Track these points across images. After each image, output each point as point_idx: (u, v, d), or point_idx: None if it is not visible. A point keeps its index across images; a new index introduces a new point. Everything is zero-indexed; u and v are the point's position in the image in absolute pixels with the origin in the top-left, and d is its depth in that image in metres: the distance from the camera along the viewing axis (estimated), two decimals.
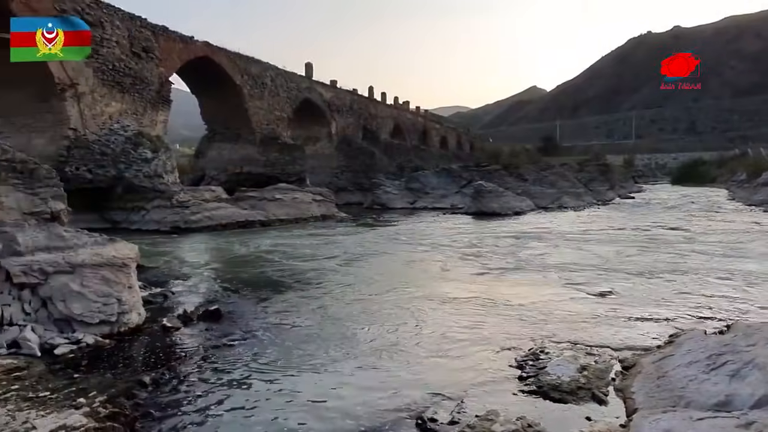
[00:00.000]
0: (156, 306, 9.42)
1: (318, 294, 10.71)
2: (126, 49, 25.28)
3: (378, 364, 6.60)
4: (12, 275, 7.15)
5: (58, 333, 7.22)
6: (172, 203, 23.27)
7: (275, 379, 6.16)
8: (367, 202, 39.69)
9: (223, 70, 32.76)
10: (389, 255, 16.15)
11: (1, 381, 5.79)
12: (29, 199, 9.60)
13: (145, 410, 5.38)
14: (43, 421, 4.81)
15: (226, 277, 12.72)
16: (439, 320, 8.53)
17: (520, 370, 6.27)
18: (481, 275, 12.63)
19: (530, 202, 33.52)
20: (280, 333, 7.96)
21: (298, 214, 27.70)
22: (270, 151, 35.72)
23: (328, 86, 47.15)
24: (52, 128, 22.70)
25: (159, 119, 27.58)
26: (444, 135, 79.99)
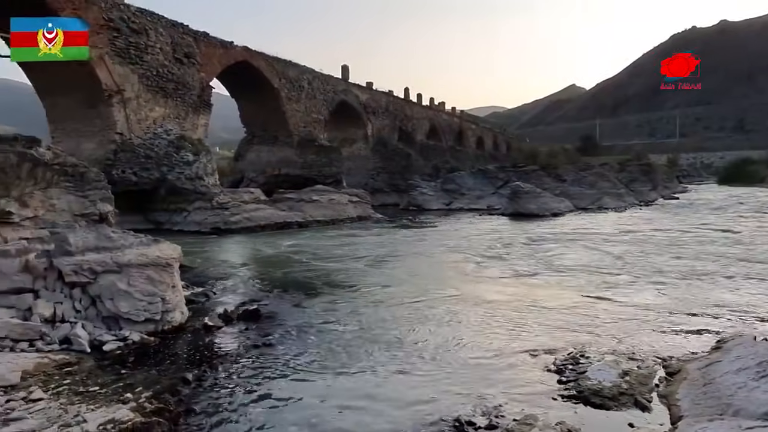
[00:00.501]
0: (198, 305, 9.66)
1: (355, 295, 10.79)
2: (169, 56, 26.04)
3: (415, 366, 6.60)
4: (64, 274, 7.47)
5: (106, 330, 7.49)
6: (212, 205, 23.83)
7: (313, 380, 6.23)
8: (402, 203, 39.70)
9: (262, 74, 33.34)
10: (425, 256, 16.13)
11: (54, 375, 6.06)
12: (79, 201, 10.02)
13: (188, 407, 5.53)
14: (93, 415, 5.00)
15: (265, 278, 12.94)
16: (475, 322, 8.48)
17: (559, 374, 6.18)
18: (518, 277, 12.48)
19: (569, 203, 32.89)
20: (318, 334, 8.06)
21: (334, 215, 27.96)
22: (307, 153, 36.15)
23: (364, 88, 47.39)
24: (100, 133, 23.60)
25: (200, 123, 28.29)
26: (480, 135, 79.27)
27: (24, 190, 9.10)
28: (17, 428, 4.64)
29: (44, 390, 5.54)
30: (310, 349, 7.32)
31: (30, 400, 5.28)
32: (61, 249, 7.62)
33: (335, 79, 42.77)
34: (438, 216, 32.20)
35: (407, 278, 12.60)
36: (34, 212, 9.21)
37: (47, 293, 7.45)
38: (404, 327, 8.28)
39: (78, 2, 21.40)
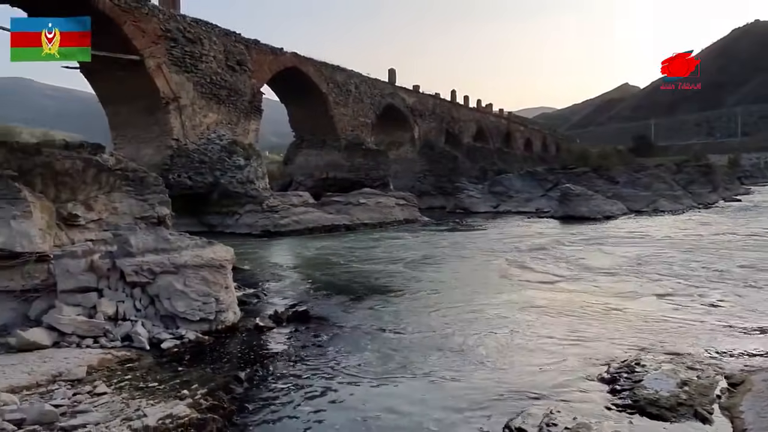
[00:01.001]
0: (249, 306, 9.91)
1: (402, 298, 10.82)
2: (222, 63, 26.88)
3: (465, 371, 6.55)
4: (125, 274, 7.83)
5: (164, 328, 7.80)
6: (262, 208, 24.41)
7: (362, 382, 6.28)
8: (449, 206, 39.48)
9: (310, 79, 33.94)
10: (472, 260, 15.99)
11: (116, 371, 6.36)
12: (139, 204, 10.49)
13: (241, 404, 5.69)
14: (152, 410, 5.22)
15: (313, 280, 13.15)
16: (526, 328, 8.35)
17: (613, 382, 6.00)
18: (568, 281, 12.19)
19: (622, 206, 31.87)
20: (367, 336, 8.11)
21: (381, 218, 28.09)
22: (354, 156, 36.50)
23: (411, 91, 47.46)
24: (157, 139, 24.62)
25: (251, 128, 29.05)
26: (528, 137, 77.91)
27: (89, 194, 9.61)
28: (83, 420, 4.89)
29: (108, 384, 5.83)
30: (359, 351, 7.38)
31: (95, 394, 5.56)
32: (123, 250, 7.99)
33: (382, 83, 43.03)
34: (485, 219, 31.85)
35: (455, 282, 12.54)
36: (98, 215, 9.70)
37: (110, 292, 7.82)
38: (453, 332, 8.22)
39: (138, 15, 22.41)
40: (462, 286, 11.90)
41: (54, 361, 6.38)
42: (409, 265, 15.02)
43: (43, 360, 6.40)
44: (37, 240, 7.90)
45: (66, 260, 7.70)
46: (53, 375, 5.96)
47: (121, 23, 21.71)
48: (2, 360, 6.43)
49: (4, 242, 7.61)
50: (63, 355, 6.58)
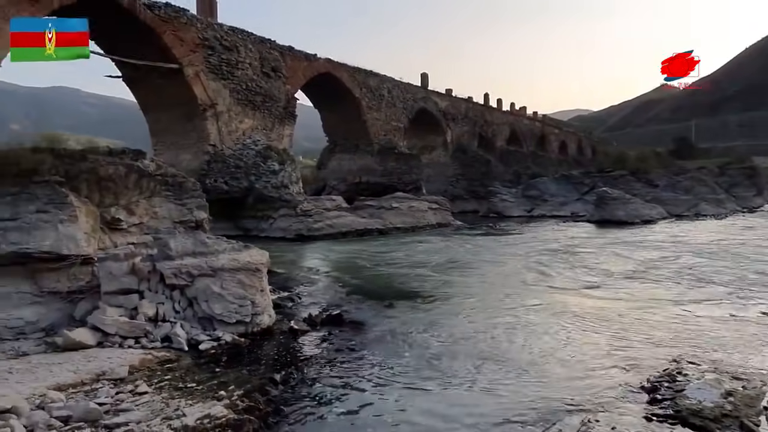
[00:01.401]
0: (284, 309, 10.03)
1: (436, 303, 10.77)
2: (257, 70, 27.37)
3: (500, 379, 6.47)
4: (165, 277, 8.04)
5: (201, 330, 7.97)
6: (296, 212, 24.69)
7: (396, 388, 6.26)
8: (482, 210, 39.16)
9: (344, 84, 34.21)
10: (506, 264, 15.80)
11: (157, 371, 6.53)
12: (178, 209, 10.77)
13: (277, 406, 5.76)
14: (191, 410, 5.34)
15: (346, 284, 13.22)
16: (563, 334, 8.21)
17: (653, 392, 5.84)
18: (606, 287, 11.94)
19: (661, 210, 31.04)
20: (400, 342, 8.09)
21: (414, 222, 28.07)
22: (387, 160, 36.59)
23: (444, 95, 47.31)
24: (195, 145, 25.22)
25: (285, 133, 29.46)
26: (563, 140, 76.58)
27: (131, 198, 9.92)
28: (126, 419, 5.04)
29: (148, 384, 5.99)
30: (393, 357, 7.37)
31: (136, 393, 5.73)
32: (162, 253, 8.21)
33: (414, 87, 43.05)
34: (519, 223, 31.47)
35: (489, 287, 12.42)
36: (139, 219, 10.00)
37: (151, 294, 8.04)
38: (488, 338, 8.14)
39: (177, 24, 23.03)
40: (496, 292, 11.78)
41: (98, 360, 6.59)
42: (442, 270, 14.95)
43: (87, 359, 6.62)
44: (82, 243, 8.18)
45: (109, 263, 7.95)
46: (97, 374, 6.16)
47: (161, 33, 22.35)
48: (49, 358, 6.68)
49: (52, 245, 7.91)
50: (106, 355, 6.80)
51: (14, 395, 5.23)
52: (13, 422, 4.71)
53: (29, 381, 5.81)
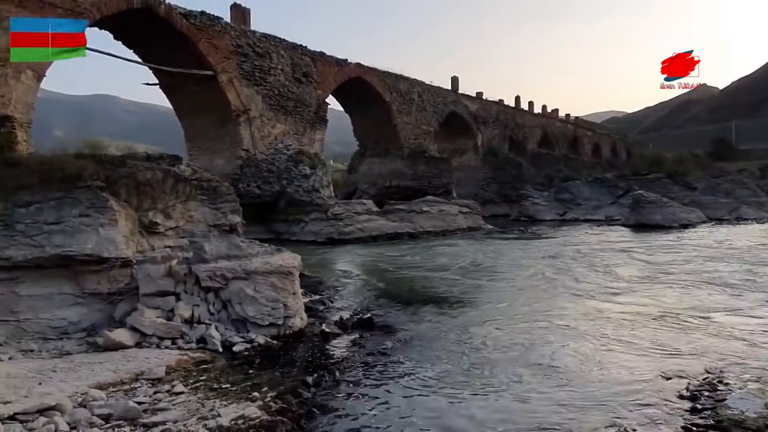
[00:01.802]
0: (315, 312, 10.12)
1: (467, 307, 10.71)
2: (289, 76, 27.76)
3: (533, 384, 6.38)
4: (200, 279, 8.21)
5: (235, 332, 8.10)
6: (327, 216, 24.90)
7: (428, 393, 6.22)
8: (514, 213, 38.79)
9: (374, 88, 34.39)
10: (538, 269, 15.58)
11: (192, 371, 6.67)
12: (213, 213, 11.00)
13: (309, 409, 5.81)
14: (226, 410, 5.43)
15: (377, 287, 13.26)
16: (599, 341, 8.04)
17: (693, 401, 5.68)
18: (642, 292, 11.66)
19: (700, 214, 30.17)
20: (432, 346, 8.04)
21: (444, 226, 27.98)
22: (417, 164, 36.60)
23: (474, 98, 47.07)
24: (228, 150, 25.72)
25: (316, 138, 29.76)
26: (596, 142, 75.21)
27: (168, 203, 10.17)
28: (163, 418, 5.16)
29: (184, 384, 6.11)
30: (425, 362, 7.32)
31: (173, 393, 5.86)
32: (198, 256, 8.39)
33: (445, 91, 42.97)
34: (551, 227, 31.02)
35: (522, 292, 12.27)
36: (175, 223, 10.25)
37: (186, 296, 8.22)
38: (521, 345, 8.01)
39: (212, 32, 23.55)
40: (528, 296, 11.63)
41: (136, 360, 6.77)
42: (473, 274, 14.86)
43: (126, 359, 6.81)
44: (122, 246, 8.43)
45: (147, 265, 8.17)
46: (136, 374, 6.32)
47: (197, 41, 22.89)
48: (91, 358, 6.90)
49: (93, 248, 8.18)
50: (144, 355, 6.98)
51: (58, 393, 5.42)
52: (57, 419, 4.88)
53: (72, 379, 6.01)
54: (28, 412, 4.91)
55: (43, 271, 8.01)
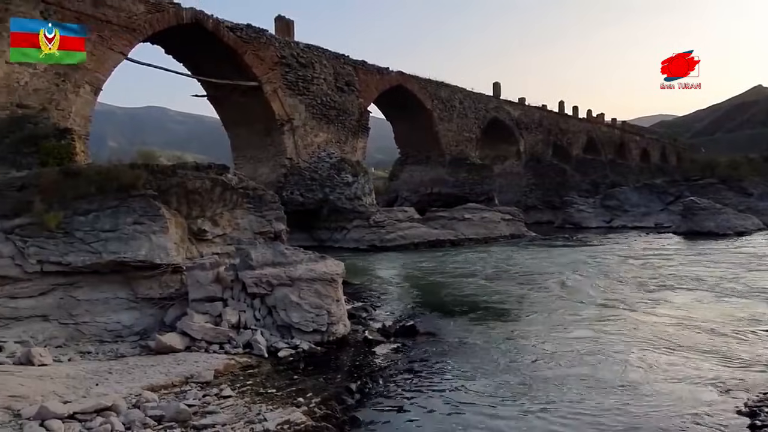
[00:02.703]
0: (358, 319, 10.17)
1: (511, 316, 10.56)
2: (331, 85, 28.17)
3: (585, 400, 6.16)
4: (247, 286, 8.40)
5: (280, 338, 8.24)
6: (369, 223, 25.06)
7: (473, 404, 6.14)
8: (558, 221, 38.03)
9: (415, 96, 34.47)
10: (585, 278, 15.20)
11: (239, 376, 6.82)
12: (258, 220, 11.24)
13: (353, 415, 5.84)
14: (272, 415, 5.52)
15: (419, 294, 13.24)
16: (650, 353, 7.78)
17: (752, 416, 5.43)
18: (696, 303, 11.22)
19: (757, 221, 28.81)
20: (475, 355, 7.96)
21: (486, 233, 27.70)
22: (459, 171, 36.41)
23: (516, 104, 46.53)
24: (273, 158, 26.29)
25: (358, 146, 30.05)
26: (645, 147, 72.94)
27: (215, 211, 10.47)
28: (212, 420, 5.29)
29: (232, 388, 6.25)
30: (470, 372, 7.22)
31: (221, 397, 6.00)
32: (244, 263, 8.59)
33: (486, 97, 42.66)
34: (597, 234, 30.24)
35: (567, 301, 12.00)
36: (223, 230, 10.53)
37: (233, 302, 8.43)
38: (569, 357, 7.79)
39: (257, 45, 24.17)
40: (575, 306, 11.37)
41: (186, 364, 6.98)
42: (517, 282, 14.63)
43: (177, 362, 7.03)
44: (172, 253, 8.73)
45: (196, 272, 8.42)
46: (186, 377, 6.52)
47: (243, 53, 23.53)
48: (143, 360, 7.15)
49: (146, 255, 8.49)
50: (194, 359, 7.18)
51: (113, 394, 5.64)
52: (113, 419, 5.08)
53: (126, 381, 6.24)
54: (86, 411, 5.13)
55: (100, 277, 8.37)
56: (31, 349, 6.92)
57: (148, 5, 19.78)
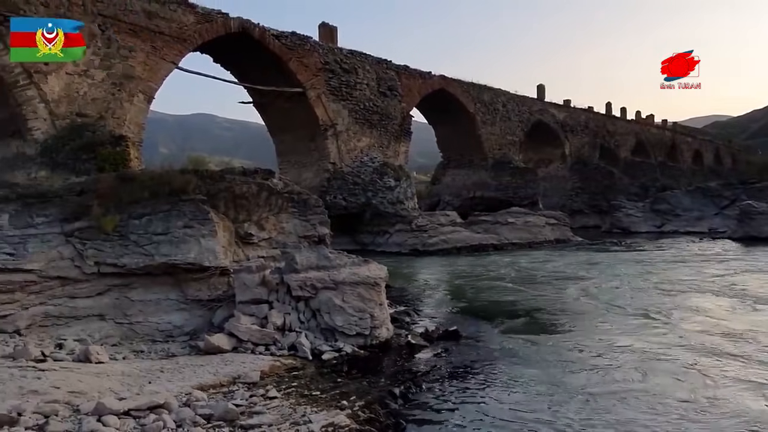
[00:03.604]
0: (401, 323, 10.17)
1: (557, 324, 10.34)
2: (374, 90, 28.35)
3: (640, 418, 5.88)
4: (291, 289, 8.55)
5: (324, 341, 8.34)
6: (411, 227, 25.04)
7: (517, 412, 6.04)
8: (605, 225, 37.00)
9: (458, 100, 34.28)
10: (634, 285, 14.72)
11: (284, 377, 6.93)
12: (303, 224, 11.43)
13: (396, 420, 5.85)
14: (316, 417, 5.59)
15: (462, 299, 13.13)
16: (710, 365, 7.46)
17: None
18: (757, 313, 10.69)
19: None
20: (521, 364, 7.81)
21: (530, 238, 27.24)
22: (502, 175, 35.95)
23: (561, 106, 45.59)
24: (316, 163, 26.65)
25: (401, 150, 30.11)
26: (697, 149, 70.11)
27: (261, 215, 10.71)
28: (259, 421, 5.39)
29: (277, 390, 6.36)
30: (515, 381, 7.08)
31: (267, 398, 6.11)
32: (289, 267, 8.74)
33: (530, 100, 41.99)
34: (647, 239, 29.26)
35: (617, 309, 11.61)
36: (268, 234, 10.76)
37: (279, 305, 8.58)
38: (621, 368, 7.47)
39: (302, 51, 24.60)
40: (625, 314, 11.02)
41: (234, 364, 7.15)
42: (562, 288, 14.31)
43: (225, 363, 7.21)
44: (220, 256, 8.98)
45: (243, 274, 8.63)
46: (233, 377, 6.68)
47: (287, 60, 23.98)
48: (193, 360, 7.37)
49: (195, 257, 8.77)
50: (241, 360, 7.35)
51: (165, 392, 5.84)
52: (165, 417, 5.25)
53: (177, 380, 6.45)
54: (140, 408, 5.32)
55: (152, 278, 8.69)
56: (89, 347, 7.24)
57: (198, 16, 20.43)
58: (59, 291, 8.24)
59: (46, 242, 8.31)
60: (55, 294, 8.21)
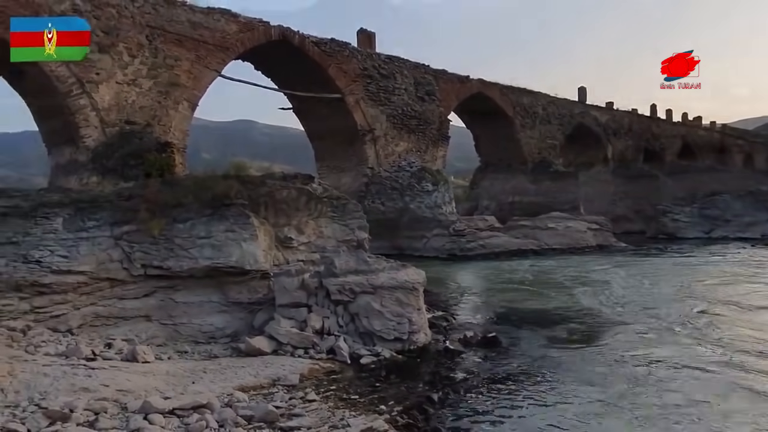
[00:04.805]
0: (439, 328, 10.11)
1: (598, 332, 10.08)
2: (412, 95, 28.39)
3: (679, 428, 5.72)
4: (330, 293, 8.63)
5: (362, 345, 8.38)
6: (449, 232, 24.90)
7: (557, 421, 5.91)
8: (650, 231, 35.86)
9: (496, 103, 33.95)
10: (682, 293, 14.21)
11: (323, 380, 6.99)
12: (341, 228, 11.52)
13: (435, 426, 5.82)
14: (354, 421, 5.62)
15: (501, 305, 12.96)
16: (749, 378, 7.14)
17: None
18: None
19: None
20: (562, 374, 7.63)
21: (571, 243, 26.66)
22: (541, 179, 35.36)
23: (604, 109, 44.55)
24: (355, 168, 26.87)
25: (439, 154, 30.03)
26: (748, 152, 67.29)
27: (301, 219, 10.85)
28: (298, 423, 5.46)
29: (316, 393, 6.43)
30: (555, 390, 6.93)
31: (306, 400, 6.18)
32: (328, 271, 8.83)
33: (571, 102, 41.21)
34: (695, 246, 28.20)
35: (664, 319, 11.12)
36: (308, 238, 10.89)
37: (318, 308, 8.67)
38: (664, 378, 7.22)
39: (340, 58, 24.88)
40: (668, 322, 10.66)
41: (273, 367, 7.26)
42: (605, 295, 13.94)
43: (265, 365, 7.33)
44: (261, 259, 9.14)
45: (283, 278, 8.76)
46: (273, 379, 6.78)
47: (326, 66, 24.29)
48: (234, 362, 7.52)
49: (237, 261, 8.95)
50: (281, 362, 7.46)
51: (208, 392, 5.98)
52: (208, 417, 5.38)
53: (219, 381, 6.59)
54: (184, 408, 5.47)
55: (196, 281, 8.92)
56: (136, 346, 7.48)
57: (240, 25, 20.93)
58: (108, 292, 8.56)
59: (96, 245, 8.63)
60: (104, 295, 8.52)
